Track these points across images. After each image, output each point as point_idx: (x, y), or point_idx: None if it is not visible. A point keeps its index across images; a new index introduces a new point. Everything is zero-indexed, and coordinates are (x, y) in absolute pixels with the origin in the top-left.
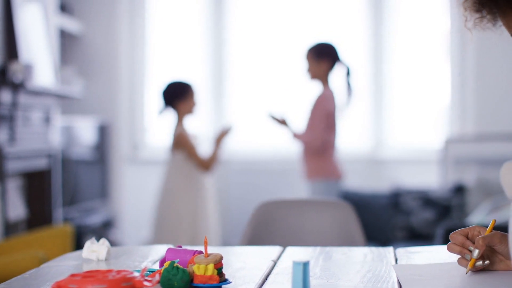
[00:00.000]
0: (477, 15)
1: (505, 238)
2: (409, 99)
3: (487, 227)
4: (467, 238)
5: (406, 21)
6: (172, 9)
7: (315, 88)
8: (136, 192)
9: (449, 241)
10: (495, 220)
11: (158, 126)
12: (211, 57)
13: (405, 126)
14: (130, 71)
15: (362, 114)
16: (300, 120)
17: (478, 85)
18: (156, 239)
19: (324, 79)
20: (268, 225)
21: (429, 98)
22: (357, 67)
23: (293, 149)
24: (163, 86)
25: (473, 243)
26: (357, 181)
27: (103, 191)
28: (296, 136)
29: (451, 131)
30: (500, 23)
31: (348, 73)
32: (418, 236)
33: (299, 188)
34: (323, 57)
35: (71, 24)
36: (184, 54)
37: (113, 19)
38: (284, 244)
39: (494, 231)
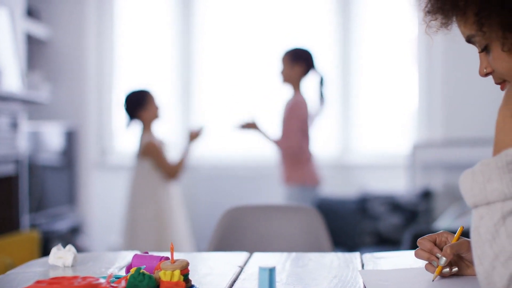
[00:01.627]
0: (435, 20)
1: None
2: (376, 104)
3: (455, 232)
4: (435, 244)
5: (373, 27)
6: (140, 14)
7: (286, 92)
8: (104, 198)
9: (417, 246)
10: (463, 227)
11: (126, 132)
12: (179, 61)
13: (373, 132)
14: (97, 76)
15: (330, 120)
16: (270, 123)
17: (445, 90)
18: (126, 245)
19: (295, 83)
20: (236, 231)
21: (396, 103)
22: (325, 73)
23: (262, 154)
24: (122, 99)
25: (441, 249)
26: (325, 186)
27: (70, 197)
28: (272, 140)
29: (418, 136)
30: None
31: (321, 82)
32: (386, 241)
33: (268, 193)
34: (298, 61)
35: (38, 29)
36: (152, 58)
37: (80, 24)
38: (251, 250)
39: (462, 239)
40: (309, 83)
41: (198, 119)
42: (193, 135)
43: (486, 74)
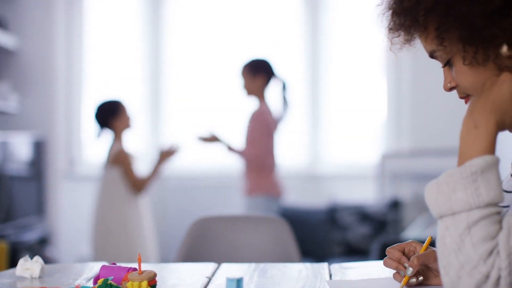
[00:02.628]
0: (398, 37)
1: None
2: (345, 114)
3: (423, 242)
4: (404, 253)
5: (343, 37)
6: (109, 24)
7: (252, 103)
8: (72, 208)
9: (385, 256)
10: (431, 237)
11: (95, 142)
12: (149, 73)
13: (341, 142)
14: (66, 86)
15: (299, 130)
16: (238, 135)
17: (414, 101)
18: (94, 256)
19: (260, 94)
20: (204, 242)
21: (365, 114)
22: (294, 82)
23: (230, 165)
24: (94, 109)
25: (409, 258)
26: (294, 196)
27: (39, 208)
28: (236, 151)
29: (387, 146)
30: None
31: (284, 88)
32: (355, 251)
33: (236, 204)
34: (259, 72)
35: (6, 39)
36: (121, 69)
37: (49, 34)
38: (220, 261)
39: (429, 249)
40: (272, 90)
41: (167, 129)
42: (164, 155)
43: (451, 89)
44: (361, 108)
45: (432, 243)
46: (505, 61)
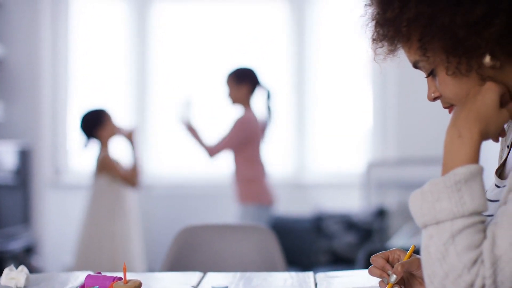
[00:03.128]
0: (382, 48)
1: None
2: (331, 123)
3: (407, 250)
4: (388, 261)
5: (328, 45)
6: (95, 33)
7: (237, 112)
8: (58, 217)
9: (371, 264)
10: (415, 246)
11: (81, 151)
12: (135, 80)
13: (327, 150)
14: (52, 94)
15: (285, 138)
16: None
17: (400, 109)
18: (79, 265)
19: (245, 103)
20: (190, 250)
21: (351, 122)
22: (280, 91)
23: (217, 173)
24: (78, 120)
25: (393, 266)
26: (280, 205)
27: (24, 216)
28: (198, 139)
29: (373, 155)
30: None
31: (268, 96)
32: (341, 260)
33: (223, 212)
34: (243, 81)
35: None
36: (107, 77)
37: (35, 42)
38: (205, 270)
39: (413, 257)
40: (257, 99)
41: (153, 136)
42: (129, 136)
43: (434, 99)
44: (347, 117)
45: (416, 251)
46: (488, 71)
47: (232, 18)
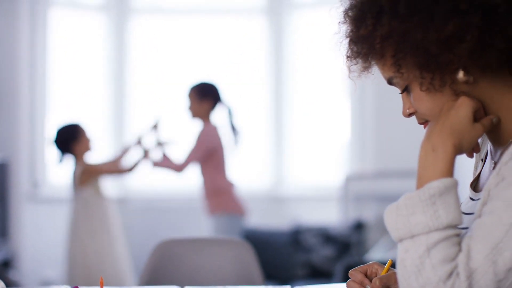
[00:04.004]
0: (356, 65)
1: None
2: (309, 136)
3: (385, 264)
4: (366, 275)
5: (306, 58)
6: (73, 46)
7: (197, 126)
8: (36, 231)
9: (349, 278)
10: (392, 260)
11: (58, 164)
12: (112, 94)
13: (305, 163)
14: (30, 107)
15: (262, 151)
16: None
17: (377, 123)
18: (69, 279)
19: (205, 118)
20: (167, 264)
21: (329, 135)
22: (258, 103)
23: (194, 186)
24: (53, 135)
25: (371, 280)
26: (257, 218)
27: (1, 230)
28: (166, 159)
29: (351, 168)
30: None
31: (230, 114)
32: (319, 273)
33: (201, 225)
34: (206, 96)
35: None
36: (85, 90)
37: (12, 55)
38: (183, 283)
39: (391, 271)
40: (218, 116)
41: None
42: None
43: (409, 115)
44: (324, 130)
45: (394, 265)
46: (462, 86)
47: (211, 31)
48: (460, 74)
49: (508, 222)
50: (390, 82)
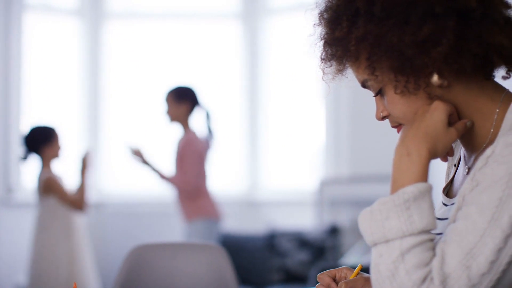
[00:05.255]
0: (330, 67)
1: (369, 283)
2: (284, 141)
3: (355, 268)
4: (335, 279)
5: (281, 63)
6: (48, 49)
7: (176, 130)
8: (10, 236)
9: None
10: (361, 266)
11: (33, 168)
12: (87, 99)
13: (280, 168)
14: (3, 111)
15: (237, 156)
16: (167, 162)
17: (352, 127)
18: (32, 285)
19: (184, 121)
20: (141, 269)
21: (304, 140)
22: (233, 108)
23: (168, 191)
24: (26, 131)
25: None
26: (232, 223)
27: None
28: (166, 178)
29: (325, 172)
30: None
31: (207, 117)
32: (294, 278)
33: (177, 230)
34: (183, 100)
35: None
36: (59, 94)
37: None
38: None
39: (359, 275)
40: (196, 119)
41: (105, 155)
42: (85, 161)
43: (383, 118)
44: (299, 134)
45: (364, 270)
46: (436, 90)
47: (186, 36)
48: (435, 78)
49: (482, 227)
50: (364, 85)
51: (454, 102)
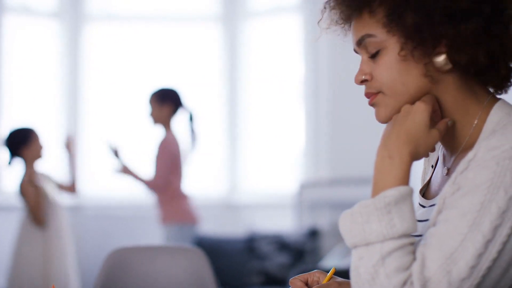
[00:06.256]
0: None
1: (342, 287)
2: (263, 143)
3: (328, 272)
4: (307, 283)
5: (261, 66)
6: (27, 52)
7: (159, 132)
8: None
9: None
10: (335, 269)
11: (10, 170)
12: (66, 101)
13: (260, 171)
14: None
15: (217, 158)
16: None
17: (332, 130)
18: (10, 285)
19: (166, 123)
20: (120, 273)
21: (283, 143)
22: (212, 111)
23: (146, 194)
24: (5, 135)
25: None
26: (212, 226)
27: None
28: (142, 180)
29: (305, 175)
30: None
31: (191, 118)
32: (273, 281)
33: (155, 234)
34: (166, 101)
35: None
36: (39, 97)
37: None
38: None
39: (332, 280)
40: (179, 121)
41: (85, 157)
42: (68, 146)
43: (362, 82)
44: (279, 137)
45: (337, 274)
46: (434, 71)
47: (165, 38)
48: (442, 57)
49: (463, 232)
50: (360, 43)
51: (442, 96)
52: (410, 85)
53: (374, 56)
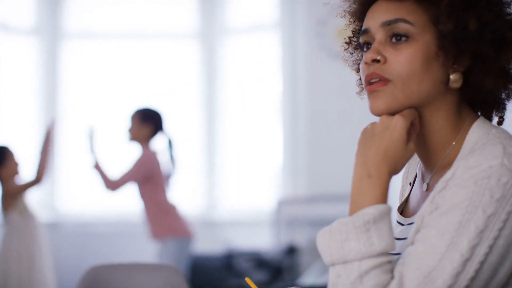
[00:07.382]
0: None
1: None
2: (241, 160)
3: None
4: None
5: (239, 83)
6: (4, 69)
7: (135, 149)
8: None
9: None
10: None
11: None
12: (43, 118)
13: (237, 188)
14: None
15: (195, 175)
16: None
17: (310, 147)
18: None
19: (144, 142)
20: None
21: (261, 159)
22: (190, 128)
23: (130, 210)
24: None
25: None
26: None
27: None
28: (103, 175)
29: (283, 192)
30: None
31: (170, 145)
32: None
33: (133, 250)
34: (147, 122)
35: None
36: (16, 114)
37: None
38: None
39: None
40: (158, 145)
41: (63, 173)
42: (48, 134)
43: (374, 60)
44: (257, 154)
45: None
46: (439, 83)
47: (144, 56)
48: (455, 76)
49: (441, 251)
50: (390, 23)
51: (436, 112)
52: (424, 86)
53: (397, 40)
